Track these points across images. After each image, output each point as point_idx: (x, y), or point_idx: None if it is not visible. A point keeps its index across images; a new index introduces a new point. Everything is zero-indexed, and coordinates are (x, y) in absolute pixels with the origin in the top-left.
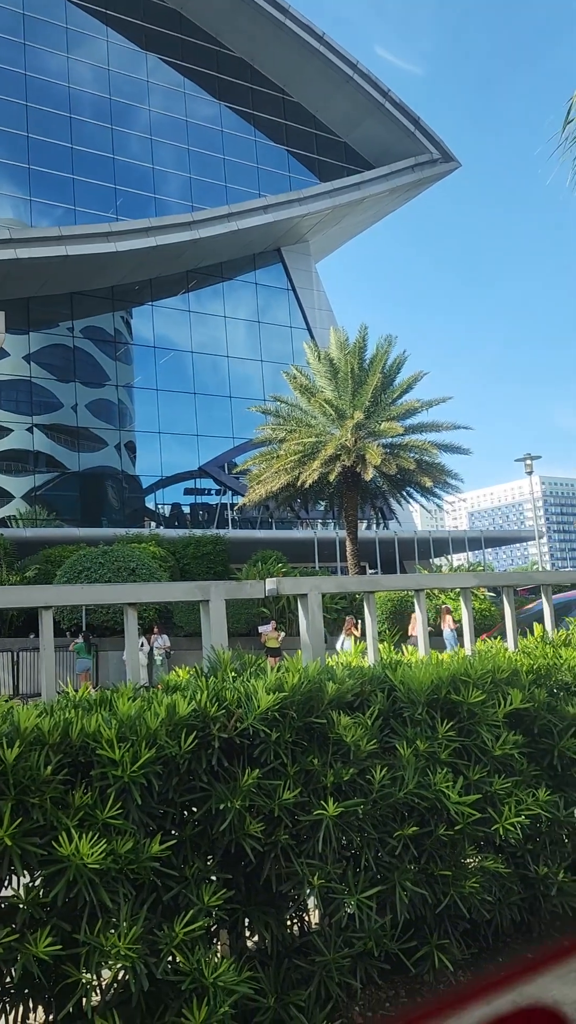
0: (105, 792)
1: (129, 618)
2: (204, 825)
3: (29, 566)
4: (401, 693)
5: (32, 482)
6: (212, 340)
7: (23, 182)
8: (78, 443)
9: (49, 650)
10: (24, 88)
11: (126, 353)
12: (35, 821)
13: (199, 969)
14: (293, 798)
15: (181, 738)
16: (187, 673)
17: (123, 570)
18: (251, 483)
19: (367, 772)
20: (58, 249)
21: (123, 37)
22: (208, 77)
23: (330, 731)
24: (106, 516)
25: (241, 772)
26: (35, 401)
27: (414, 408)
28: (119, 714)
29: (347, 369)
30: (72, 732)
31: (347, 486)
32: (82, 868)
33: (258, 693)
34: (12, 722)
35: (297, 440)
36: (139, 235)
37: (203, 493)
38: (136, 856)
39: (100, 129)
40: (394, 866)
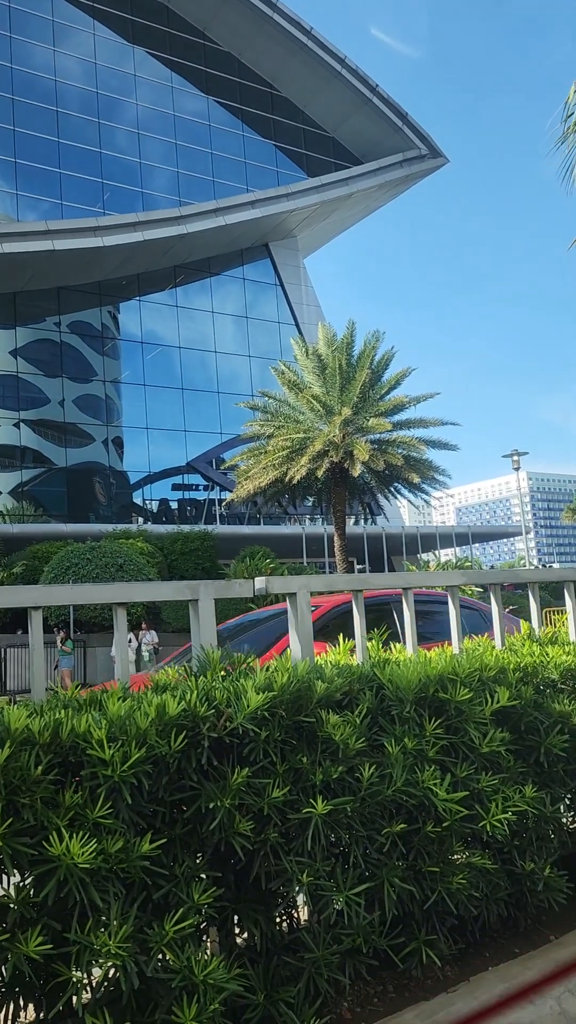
0: (95, 792)
1: (118, 617)
2: (194, 824)
3: (16, 562)
4: (389, 691)
5: (19, 478)
6: (200, 335)
7: (9, 176)
8: (65, 438)
9: (39, 650)
10: (10, 81)
11: (113, 348)
12: (25, 821)
13: (189, 967)
14: (282, 796)
15: (171, 738)
16: (176, 672)
17: (111, 566)
18: (239, 479)
19: (356, 770)
20: (45, 243)
21: (110, 30)
22: (195, 71)
23: (319, 730)
24: (94, 512)
25: (231, 771)
26: (22, 396)
27: (402, 404)
28: (109, 714)
29: (335, 365)
30: (62, 732)
31: (335, 482)
32: (72, 867)
33: (247, 693)
34: (2, 722)
35: (285, 436)
36: (126, 230)
37: (191, 489)
38: (126, 855)
39: (87, 123)
40: (382, 863)
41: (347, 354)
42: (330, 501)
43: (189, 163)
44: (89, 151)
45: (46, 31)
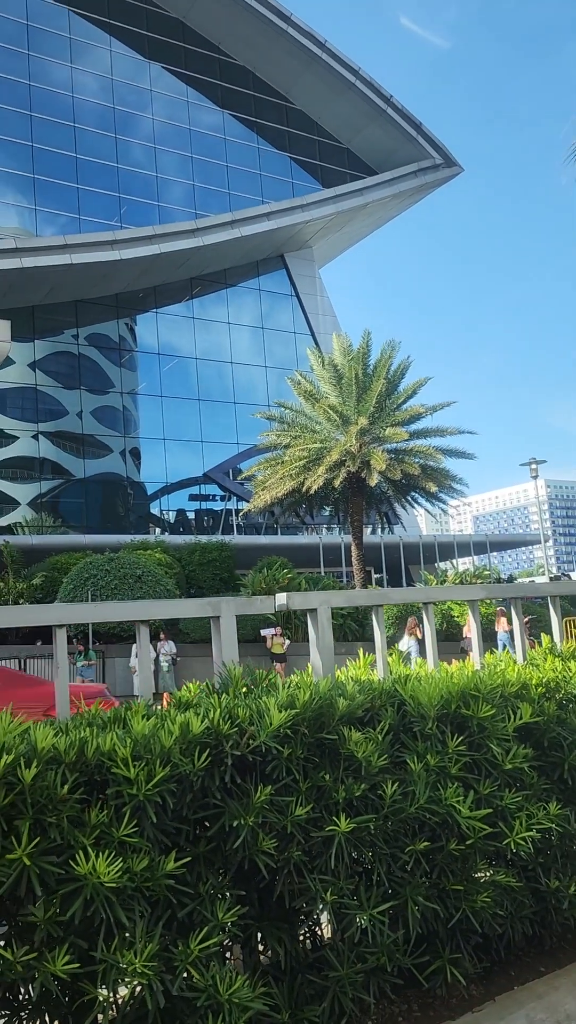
0: (120, 810)
1: (141, 634)
2: (217, 842)
3: (36, 573)
4: (411, 708)
5: (38, 489)
6: (216, 346)
7: (28, 191)
8: (83, 450)
9: (64, 667)
10: (28, 98)
11: (130, 360)
12: (52, 840)
13: (214, 985)
14: (305, 814)
15: (194, 756)
16: (197, 688)
17: (129, 577)
18: (256, 489)
19: (378, 787)
20: (63, 257)
21: (126, 47)
22: (211, 85)
23: (341, 747)
24: (112, 523)
25: (254, 789)
26: (40, 408)
27: (418, 413)
28: (133, 732)
29: (351, 375)
30: (88, 751)
31: (352, 491)
32: (99, 886)
33: (270, 710)
34: (29, 742)
35: (302, 446)
36: (143, 243)
37: (208, 499)
38: (151, 874)
39: (104, 138)
40: (406, 881)
41: (363, 364)
42: (347, 511)
43: (205, 176)
44: (106, 165)
45: (63, 48)
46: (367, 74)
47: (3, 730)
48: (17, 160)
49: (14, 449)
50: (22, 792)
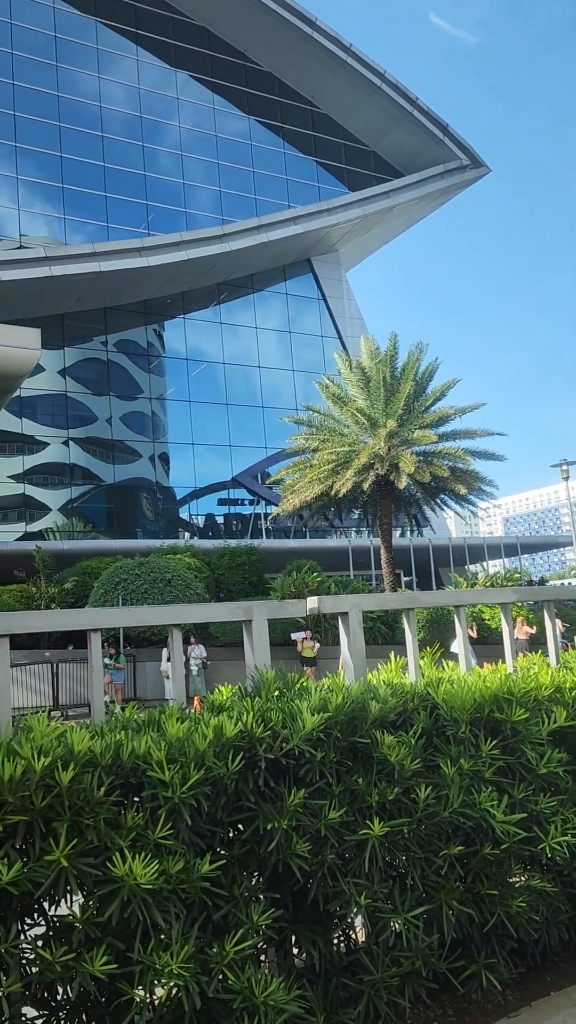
0: (156, 813)
1: (173, 638)
2: (252, 845)
3: (67, 578)
4: (444, 711)
5: (68, 495)
6: (243, 351)
7: (57, 201)
8: (113, 455)
9: (99, 671)
10: (57, 109)
11: (159, 366)
12: (89, 842)
13: (249, 987)
14: (339, 818)
15: (228, 759)
16: (230, 691)
17: (159, 581)
18: (285, 493)
19: (411, 791)
20: (91, 265)
21: (153, 55)
22: (236, 92)
23: (374, 750)
24: (141, 527)
25: (287, 792)
26: (70, 415)
27: (447, 415)
28: (168, 736)
29: (379, 378)
30: (123, 754)
31: (381, 494)
32: (135, 888)
33: (303, 714)
34: (66, 744)
35: (330, 449)
36: (170, 249)
37: (237, 503)
38: (187, 876)
39: (131, 146)
40: (440, 885)
41: (391, 366)
42: (376, 513)
43: (231, 182)
44: (134, 174)
45: (91, 59)
46: (393, 77)
47: (41, 733)
48: (46, 170)
49: (45, 455)
50: (60, 794)
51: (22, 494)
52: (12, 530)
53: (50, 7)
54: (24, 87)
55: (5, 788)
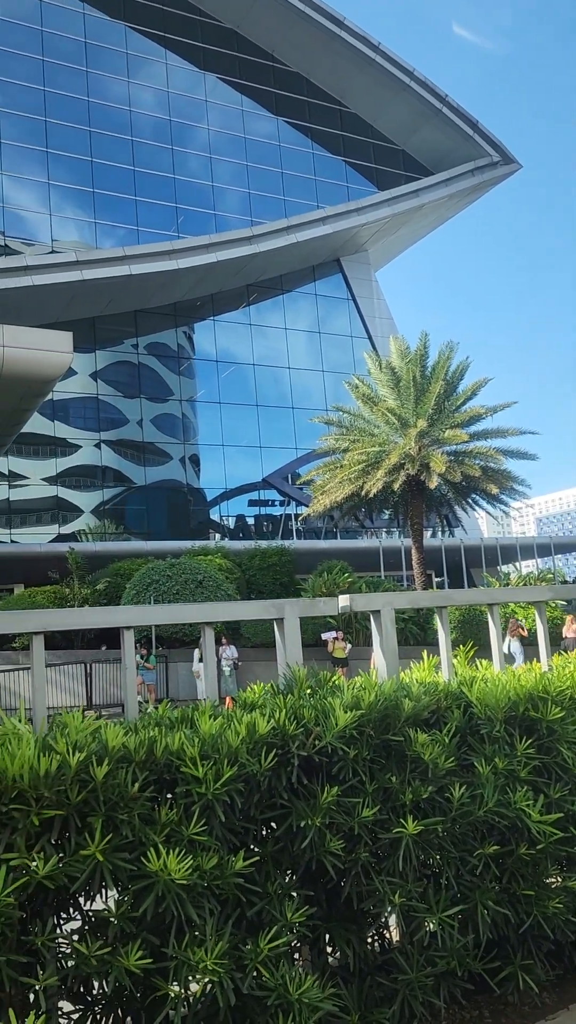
0: (189, 809)
1: (206, 635)
2: (285, 842)
3: (99, 579)
4: (478, 710)
5: (100, 497)
6: (273, 352)
7: (87, 205)
8: (144, 457)
9: (132, 668)
10: (87, 114)
11: (189, 368)
12: (124, 837)
13: (284, 985)
14: (372, 816)
15: (261, 756)
16: (261, 689)
17: (190, 582)
18: (315, 493)
19: (445, 790)
20: (122, 269)
21: (181, 59)
22: (265, 93)
23: (407, 748)
24: (172, 529)
25: (320, 789)
26: (102, 417)
27: (478, 415)
28: (201, 732)
29: (409, 377)
30: (157, 750)
31: (412, 494)
32: (170, 883)
33: (335, 711)
34: (100, 740)
35: (360, 450)
36: (200, 251)
37: (267, 504)
38: (221, 872)
39: (160, 150)
40: (475, 885)
41: (421, 366)
42: (407, 514)
43: (260, 183)
44: (163, 177)
45: (121, 64)
46: (422, 74)
47: (75, 728)
48: (77, 175)
49: (77, 458)
50: (95, 790)
51: (55, 496)
52: (45, 532)
53: (80, 13)
54: (55, 93)
55: (41, 783)
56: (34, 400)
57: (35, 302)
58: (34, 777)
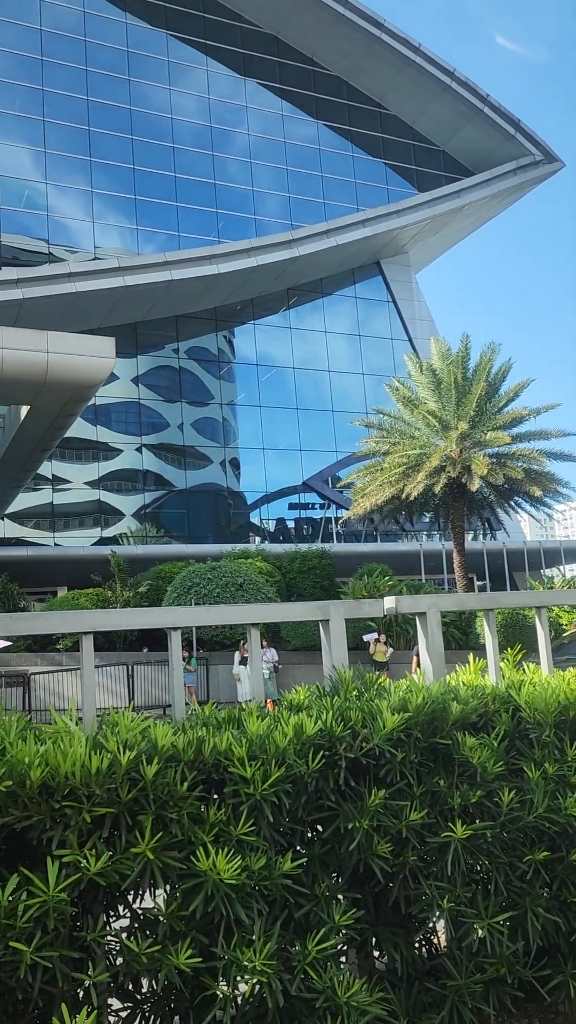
0: (238, 809)
1: (252, 637)
2: (332, 844)
3: (141, 582)
4: (527, 714)
5: (141, 500)
6: (313, 355)
7: (129, 212)
8: (184, 461)
9: (178, 668)
10: (129, 122)
11: (229, 372)
12: (174, 836)
13: (332, 987)
14: (420, 819)
15: (308, 757)
16: (306, 691)
17: (231, 585)
18: (355, 496)
19: (494, 794)
20: (163, 274)
21: (222, 65)
22: (304, 97)
23: (455, 752)
24: (213, 532)
25: (367, 792)
26: (143, 422)
27: (521, 416)
28: (248, 733)
29: (450, 379)
30: (205, 750)
31: (453, 497)
32: (219, 883)
33: (383, 713)
34: (150, 739)
35: (401, 452)
36: (240, 256)
37: (307, 508)
38: (269, 873)
39: (201, 156)
40: (525, 891)
41: (462, 368)
42: (448, 517)
43: (300, 187)
44: (203, 183)
45: (162, 72)
46: (463, 75)
47: (125, 727)
48: (119, 182)
49: (119, 462)
50: (144, 788)
51: (97, 500)
52: (88, 535)
53: (122, 23)
54: (97, 102)
55: (93, 780)
56: (77, 405)
57: (78, 308)
58: (86, 775)
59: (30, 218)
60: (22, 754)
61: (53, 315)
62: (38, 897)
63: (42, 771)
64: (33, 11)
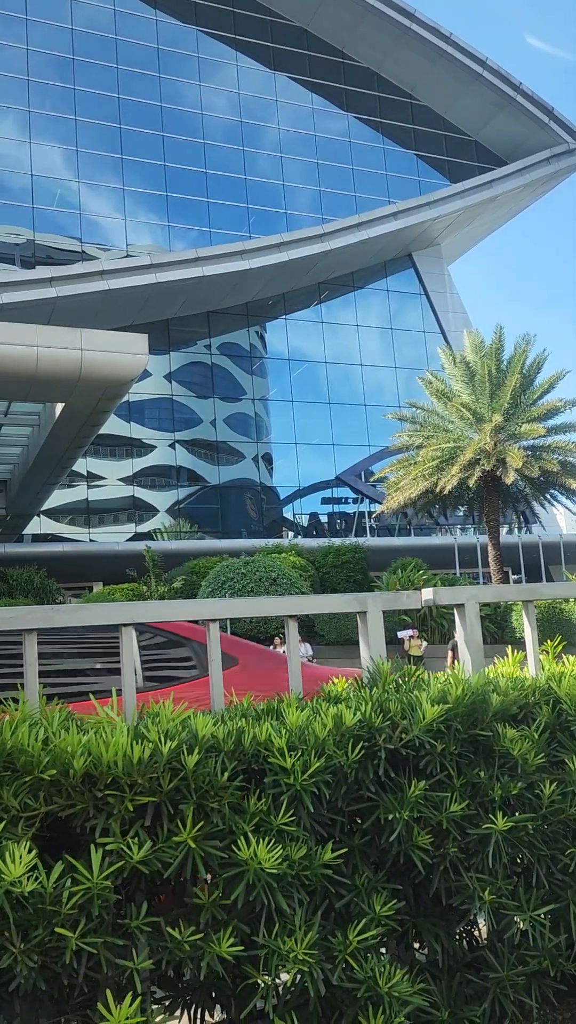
0: (278, 799)
1: (290, 629)
2: (372, 835)
3: (176, 577)
4: (567, 706)
5: (175, 496)
6: (345, 349)
7: (161, 209)
8: (217, 457)
9: (218, 662)
10: (160, 119)
11: (261, 367)
12: (215, 825)
13: (373, 978)
14: (461, 811)
15: (348, 748)
16: (344, 683)
17: (264, 580)
18: (389, 490)
19: (535, 786)
20: (195, 271)
21: (252, 60)
22: (335, 90)
23: (495, 744)
24: (246, 527)
25: (407, 783)
26: (176, 418)
27: (556, 408)
28: (288, 724)
29: (484, 372)
30: (245, 740)
31: (487, 490)
32: (260, 872)
33: (422, 704)
34: (190, 730)
35: (435, 446)
36: (271, 251)
37: (340, 502)
38: (309, 862)
39: (232, 152)
40: (567, 884)
41: (496, 360)
42: (482, 510)
43: (330, 180)
44: (234, 178)
45: (192, 68)
46: (495, 63)
47: (166, 718)
48: (150, 180)
49: (152, 458)
50: (185, 778)
51: (131, 496)
52: (123, 531)
53: (152, 20)
54: (129, 100)
55: (135, 770)
56: (111, 402)
57: (111, 306)
58: (128, 764)
59: (63, 217)
60: (65, 743)
61: (86, 313)
62: (82, 884)
63: (85, 760)
64: (64, 10)
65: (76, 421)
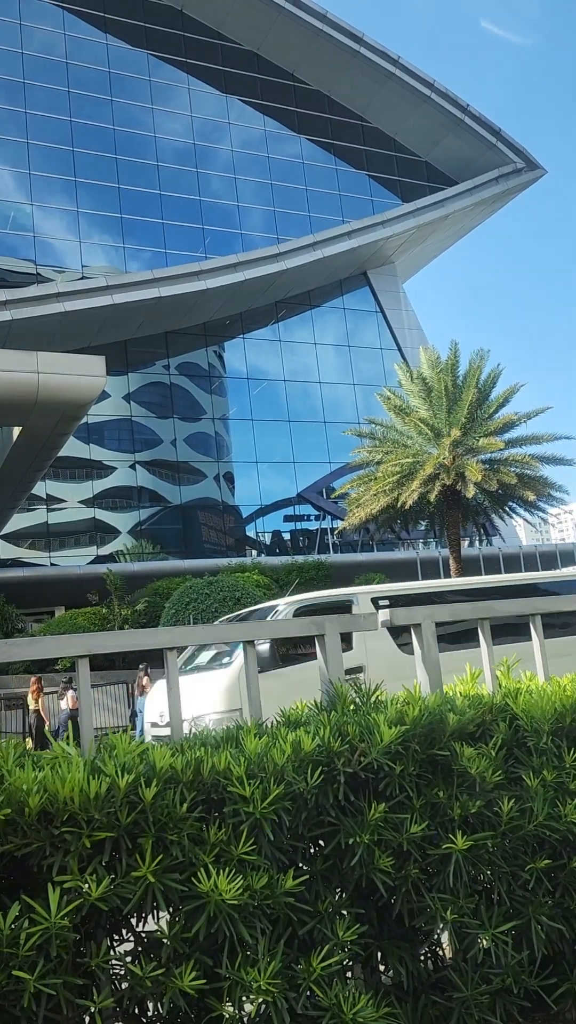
0: (238, 828)
1: (248, 656)
2: (334, 860)
3: (139, 599)
4: (524, 722)
5: (137, 517)
6: (303, 367)
7: (115, 230)
8: (178, 477)
9: (176, 690)
10: (113, 142)
11: (220, 386)
12: (175, 857)
13: (338, 1004)
14: (421, 831)
15: (307, 773)
16: (304, 706)
17: (228, 599)
18: (350, 507)
19: (494, 804)
20: (151, 291)
21: (204, 83)
22: (287, 112)
23: (454, 763)
24: (209, 547)
25: (367, 806)
26: (136, 438)
27: (512, 422)
28: (246, 751)
29: (441, 387)
30: (204, 770)
31: (448, 504)
32: (221, 903)
33: (380, 727)
34: (148, 762)
35: (394, 461)
36: (227, 271)
37: (303, 519)
38: (271, 891)
39: (186, 173)
40: (528, 900)
41: (452, 375)
42: (443, 524)
43: (284, 201)
44: (189, 199)
45: (144, 91)
46: (442, 85)
47: (123, 750)
48: (104, 202)
49: (113, 480)
50: (144, 811)
51: (92, 518)
52: (84, 554)
53: (103, 44)
54: (81, 123)
55: (92, 805)
56: (70, 424)
57: (68, 328)
58: (84, 800)
59: (16, 239)
60: (20, 781)
61: (43, 335)
62: (40, 924)
63: (41, 797)
64: (13, 34)
65: (34, 444)
